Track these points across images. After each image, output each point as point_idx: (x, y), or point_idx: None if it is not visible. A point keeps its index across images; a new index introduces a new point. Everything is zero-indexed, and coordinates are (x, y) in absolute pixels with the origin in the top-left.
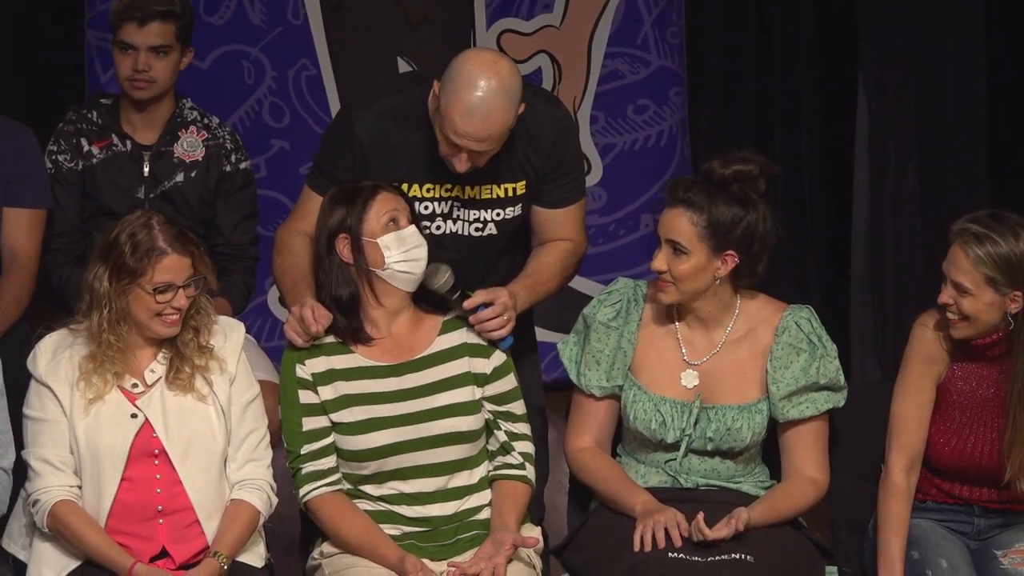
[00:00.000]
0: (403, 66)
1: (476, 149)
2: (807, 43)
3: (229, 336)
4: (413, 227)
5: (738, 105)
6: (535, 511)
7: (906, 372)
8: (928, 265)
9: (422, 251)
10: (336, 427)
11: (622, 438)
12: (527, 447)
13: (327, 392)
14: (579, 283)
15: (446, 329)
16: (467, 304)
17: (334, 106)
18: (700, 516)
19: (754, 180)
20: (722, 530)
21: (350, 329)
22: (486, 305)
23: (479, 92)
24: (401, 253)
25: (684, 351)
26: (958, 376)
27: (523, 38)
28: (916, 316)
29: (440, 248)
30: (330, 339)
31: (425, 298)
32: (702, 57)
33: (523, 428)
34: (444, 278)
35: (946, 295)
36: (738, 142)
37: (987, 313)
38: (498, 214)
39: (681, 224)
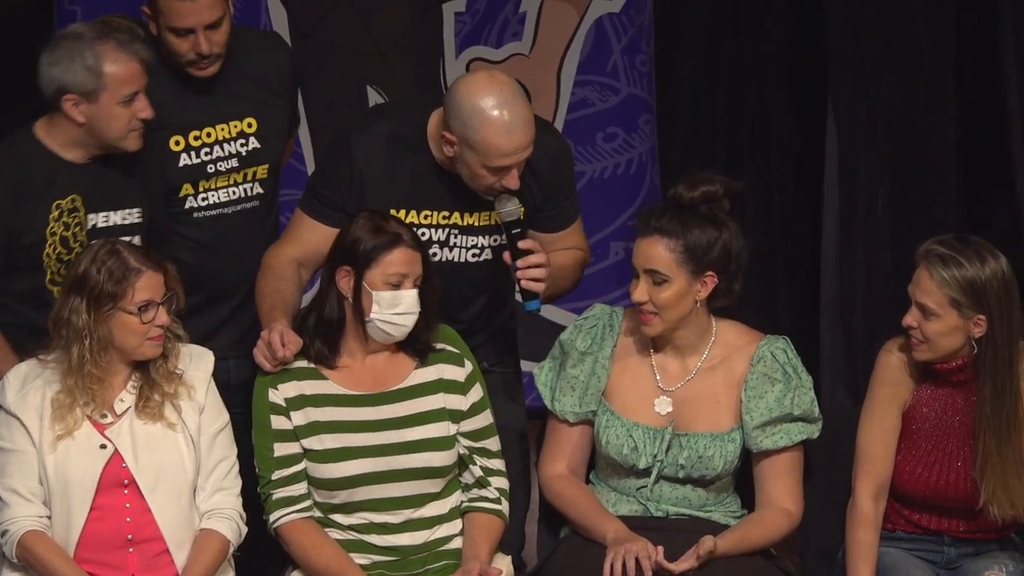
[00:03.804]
0: (372, 95)
1: (524, 157)
2: (777, 69)
3: (198, 364)
4: (414, 293)
5: (708, 133)
6: (515, 541)
7: (872, 399)
8: (899, 292)
9: (409, 319)
10: (307, 454)
11: (595, 464)
12: (503, 483)
13: (299, 418)
14: (551, 312)
15: (422, 363)
16: (521, 244)
17: (304, 135)
18: (660, 550)
19: (720, 200)
20: (684, 563)
21: (323, 355)
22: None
23: (504, 109)
24: (389, 314)
25: (658, 377)
26: (923, 403)
27: (492, 66)
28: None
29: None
30: (303, 364)
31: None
32: (672, 85)
33: (498, 464)
34: (510, 207)
35: (910, 317)
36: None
37: (949, 338)
38: (495, 240)
39: (658, 252)
